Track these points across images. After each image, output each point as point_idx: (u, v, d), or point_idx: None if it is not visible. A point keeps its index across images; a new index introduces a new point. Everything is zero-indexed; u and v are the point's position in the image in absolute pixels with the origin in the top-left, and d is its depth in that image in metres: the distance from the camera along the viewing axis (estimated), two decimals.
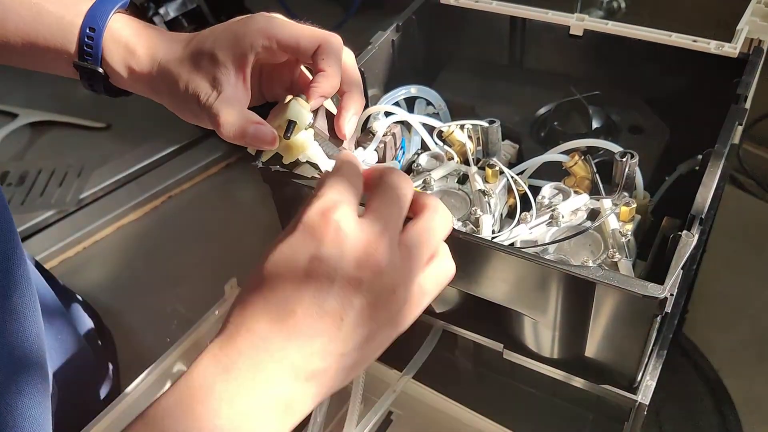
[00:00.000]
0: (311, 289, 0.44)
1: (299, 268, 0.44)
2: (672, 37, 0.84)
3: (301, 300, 0.44)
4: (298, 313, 0.44)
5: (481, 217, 0.71)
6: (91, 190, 1.35)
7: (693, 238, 0.61)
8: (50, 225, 1.31)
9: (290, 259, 0.45)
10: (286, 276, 0.45)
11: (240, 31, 0.61)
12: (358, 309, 0.45)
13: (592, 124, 0.86)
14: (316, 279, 0.44)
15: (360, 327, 0.45)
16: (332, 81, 0.61)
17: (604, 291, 0.60)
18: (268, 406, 0.44)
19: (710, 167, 0.68)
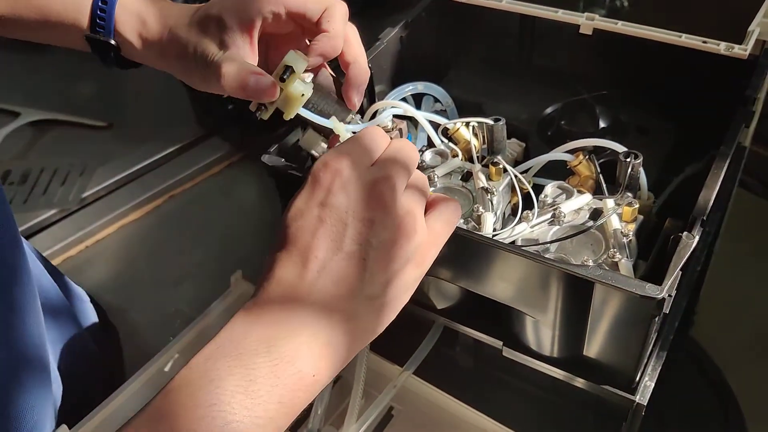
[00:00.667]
0: (328, 234, 0.47)
1: (313, 217, 0.47)
2: (682, 38, 0.83)
3: (320, 246, 0.46)
4: (320, 257, 0.46)
5: (484, 214, 0.71)
6: (93, 189, 1.36)
7: (693, 239, 0.61)
8: (53, 224, 1.31)
9: (303, 211, 0.48)
10: (303, 227, 0.47)
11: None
12: (376, 247, 0.47)
13: (599, 124, 0.86)
14: (331, 225, 0.47)
15: (383, 265, 0.47)
16: (333, 42, 0.61)
17: (602, 290, 0.60)
18: (309, 346, 0.45)
19: (714, 169, 0.68)
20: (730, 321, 1.16)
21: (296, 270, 0.46)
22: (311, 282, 0.46)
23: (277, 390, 0.43)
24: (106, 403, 0.82)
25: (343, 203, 0.47)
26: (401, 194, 0.50)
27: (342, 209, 0.47)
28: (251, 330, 0.44)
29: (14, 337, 0.65)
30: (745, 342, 1.14)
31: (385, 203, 0.48)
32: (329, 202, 0.47)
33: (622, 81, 0.89)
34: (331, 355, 0.46)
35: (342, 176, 0.48)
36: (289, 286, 0.46)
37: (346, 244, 0.47)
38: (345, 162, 0.49)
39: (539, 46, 0.95)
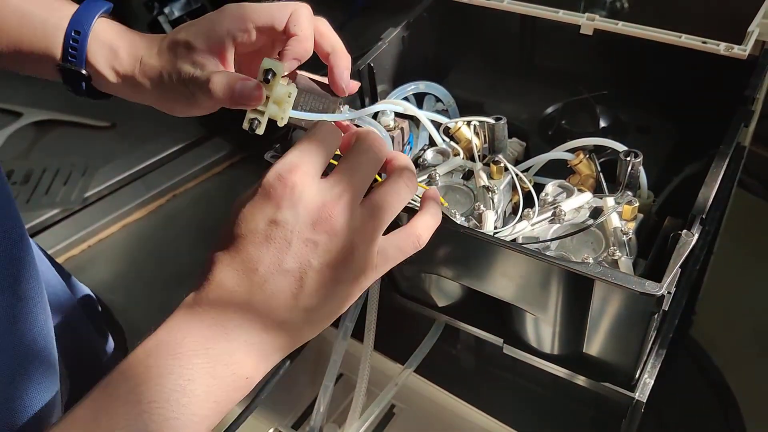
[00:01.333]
0: (271, 250, 0.47)
1: (259, 231, 0.48)
2: (682, 38, 0.84)
3: (262, 260, 0.47)
4: (260, 271, 0.47)
5: (485, 212, 0.72)
6: (95, 189, 1.37)
7: (692, 237, 0.62)
8: (55, 223, 1.32)
9: (251, 222, 0.48)
10: (248, 238, 0.48)
11: (214, 18, 0.62)
12: (316, 268, 0.48)
13: (600, 123, 0.86)
14: (275, 241, 0.47)
15: (321, 285, 0.48)
16: (304, 44, 0.62)
17: (602, 288, 0.61)
18: (244, 350, 0.47)
19: (713, 168, 0.68)
20: (730, 320, 1.17)
21: (236, 278, 0.48)
22: (249, 292, 0.47)
23: (213, 390, 0.46)
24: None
25: (290, 222, 0.47)
26: (352, 215, 0.49)
27: (288, 228, 0.47)
28: (191, 330, 0.47)
29: (22, 328, 0.65)
30: (744, 341, 1.15)
31: (331, 227, 0.48)
32: (277, 219, 0.47)
33: (623, 81, 0.90)
34: (264, 359, 0.48)
35: (293, 193, 0.48)
36: (228, 291, 0.47)
37: (287, 263, 0.47)
38: (297, 175, 0.48)
39: (540, 46, 0.95)
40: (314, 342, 0.85)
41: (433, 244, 0.70)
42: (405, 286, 0.80)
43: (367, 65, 0.85)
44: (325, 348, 0.84)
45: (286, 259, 0.47)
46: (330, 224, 0.48)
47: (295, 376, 0.87)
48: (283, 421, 0.85)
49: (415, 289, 0.80)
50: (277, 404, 0.86)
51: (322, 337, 0.88)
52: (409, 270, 0.78)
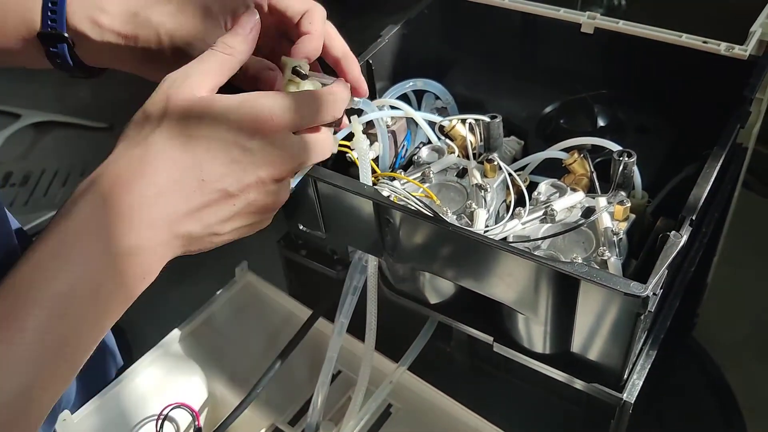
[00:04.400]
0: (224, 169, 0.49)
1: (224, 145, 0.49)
2: (682, 38, 0.83)
3: (211, 174, 0.49)
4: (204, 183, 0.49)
5: (476, 211, 0.72)
6: None
7: (681, 238, 0.61)
8: None
9: (220, 132, 0.49)
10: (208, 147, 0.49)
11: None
12: (249, 201, 0.51)
13: (598, 123, 0.86)
14: (233, 163, 0.49)
15: (241, 217, 0.51)
16: (316, 43, 0.61)
17: (588, 288, 0.61)
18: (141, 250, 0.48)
19: (706, 169, 0.68)
20: (733, 322, 1.16)
21: (174, 170, 0.48)
22: (179, 191, 0.48)
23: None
24: (113, 386, 0.84)
25: (257, 157, 0.49)
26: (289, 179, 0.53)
27: (250, 160, 0.49)
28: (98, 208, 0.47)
29: None
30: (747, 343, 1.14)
31: (283, 181, 0.52)
32: (249, 147, 0.49)
33: (622, 80, 0.89)
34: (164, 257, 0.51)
35: (274, 138, 0.50)
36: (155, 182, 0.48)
37: (232, 186, 0.49)
38: (286, 125, 0.50)
39: (540, 44, 0.95)
40: (311, 338, 0.86)
41: (424, 241, 0.71)
42: (397, 283, 0.80)
43: (365, 62, 0.86)
44: (323, 343, 0.84)
45: (232, 182, 0.49)
46: (282, 176, 0.51)
47: (291, 372, 0.87)
48: (279, 417, 0.86)
49: (407, 285, 0.80)
50: (274, 400, 0.86)
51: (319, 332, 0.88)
52: (402, 267, 0.78)
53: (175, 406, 0.81)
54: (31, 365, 0.43)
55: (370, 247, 0.76)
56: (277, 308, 0.93)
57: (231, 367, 0.88)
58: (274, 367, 0.81)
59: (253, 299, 0.95)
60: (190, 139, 0.48)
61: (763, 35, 0.84)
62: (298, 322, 0.87)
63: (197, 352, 0.89)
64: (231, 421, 0.79)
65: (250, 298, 0.95)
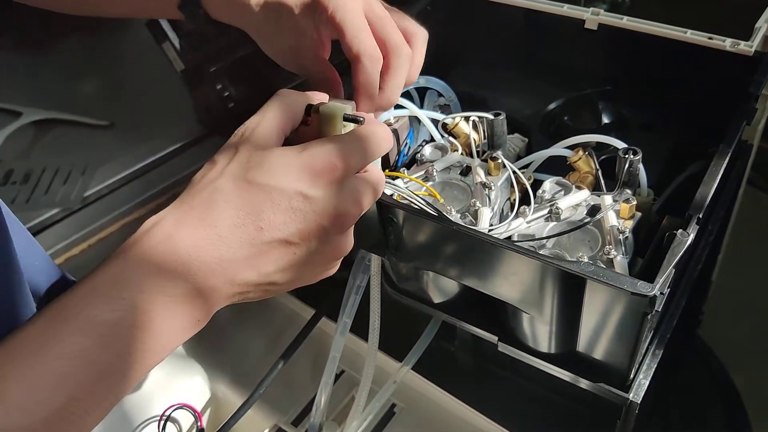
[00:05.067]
0: (285, 218, 0.47)
1: (285, 194, 0.47)
2: (687, 34, 0.83)
3: (273, 223, 0.47)
4: (263, 231, 0.47)
5: (480, 209, 0.71)
6: (95, 188, 1.36)
7: (688, 237, 0.61)
8: (55, 223, 1.30)
9: (281, 181, 0.47)
10: (270, 195, 0.47)
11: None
12: (311, 250, 0.49)
13: (602, 120, 0.85)
14: (294, 212, 0.47)
15: (302, 266, 0.49)
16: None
17: (594, 287, 0.60)
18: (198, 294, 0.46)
19: (712, 167, 0.67)
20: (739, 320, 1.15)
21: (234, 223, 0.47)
22: (240, 244, 0.46)
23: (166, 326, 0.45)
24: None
25: (318, 203, 0.47)
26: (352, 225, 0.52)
27: (312, 208, 0.47)
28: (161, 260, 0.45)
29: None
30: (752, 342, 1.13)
31: (344, 226, 0.50)
32: (309, 195, 0.47)
33: (627, 77, 0.88)
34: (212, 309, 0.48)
35: (333, 182, 0.48)
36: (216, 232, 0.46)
37: (293, 236, 0.47)
38: (346, 169, 0.49)
39: (544, 40, 0.94)
40: (314, 337, 0.85)
41: (428, 240, 0.70)
42: (400, 282, 0.80)
43: None
44: (325, 343, 0.84)
45: (293, 231, 0.47)
46: (345, 224, 0.49)
47: (294, 372, 0.87)
48: (282, 417, 0.85)
49: (410, 285, 0.79)
50: (277, 400, 0.86)
51: (323, 332, 0.88)
52: (405, 266, 0.77)
53: (178, 407, 0.81)
54: (71, 387, 0.42)
55: (374, 247, 0.75)
56: (280, 307, 0.93)
57: (233, 368, 0.88)
58: (277, 367, 0.80)
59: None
60: (252, 186, 0.47)
61: None
62: (300, 322, 0.87)
63: (199, 353, 0.89)
64: (234, 421, 0.79)
65: None
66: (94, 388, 0.42)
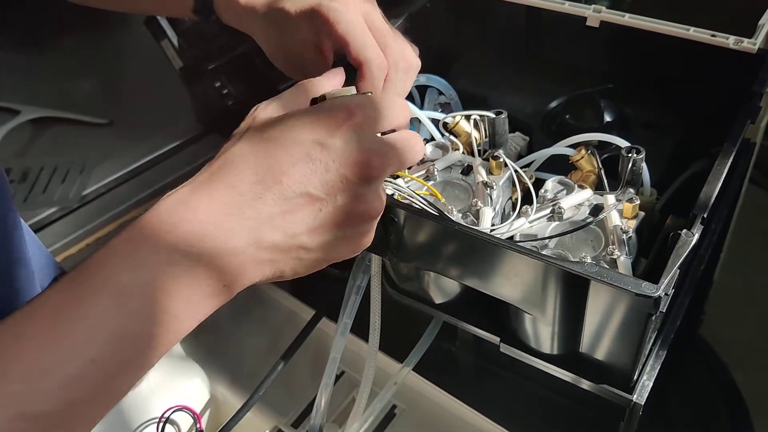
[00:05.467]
0: (305, 169, 0.46)
1: (302, 145, 0.46)
2: (690, 32, 0.82)
3: (292, 175, 0.45)
4: (284, 184, 0.45)
5: (482, 209, 0.70)
6: (93, 187, 1.35)
7: (692, 237, 0.60)
8: (53, 222, 1.29)
9: (296, 132, 0.46)
10: (286, 146, 0.46)
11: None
12: (338, 206, 0.47)
13: (604, 118, 0.84)
14: (313, 162, 0.46)
15: (330, 226, 0.47)
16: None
17: (598, 288, 0.59)
18: (221, 257, 0.44)
19: (717, 166, 0.66)
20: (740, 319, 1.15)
21: (252, 185, 0.45)
22: (261, 200, 0.45)
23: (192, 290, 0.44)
24: None
25: (337, 151, 0.46)
26: (381, 184, 0.50)
27: (332, 157, 0.46)
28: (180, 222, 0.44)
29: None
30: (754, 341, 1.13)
31: (368, 176, 0.47)
32: (326, 143, 0.46)
33: (629, 75, 0.88)
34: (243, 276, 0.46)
35: (352, 128, 0.47)
36: (238, 194, 0.45)
37: (316, 188, 0.46)
38: (363, 116, 0.48)
39: (545, 38, 0.93)
40: (314, 338, 0.85)
41: (429, 240, 0.69)
42: (401, 282, 0.79)
43: None
44: (326, 344, 0.83)
45: (315, 184, 0.46)
46: (369, 174, 0.47)
47: (295, 373, 0.86)
48: (282, 419, 0.85)
49: (411, 285, 0.78)
50: (277, 402, 0.85)
51: (323, 333, 0.87)
52: (406, 266, 0.76)
53: (177, 409, 0.80)
54: (91, 350, 0.40)
55: (374, 246, 0.74)
56: (280, 308, 0.92)
57: (233, 369, 0.87)
58: (277, 368, 0.80)
59: (255, 299, 0.94)
60: (268, 143, 0.46)
61: None
62: (300, 322, 0.86)
63: (199, 354, 0.88)
64: (233, 423, 0.78)
65: (252, 298, 0.94)
66: (117, 353, 0.41)
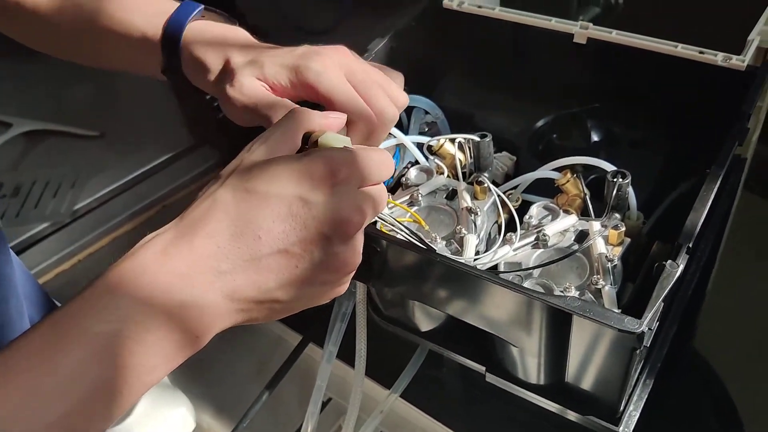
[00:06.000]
0: (285, 226, 0.45)
1: (284, 199, 0.45)
2: (678, 48, 0.81)
3: (271, 231, 0.45)
4: (262, 240, 0.45)
5: (466, 236, 0.69)
6: (85, 201, 1.34)
7: (677, 268, 0.59)
8: (44, 238, 1.28)
9: (279, 187, 0.46)
10: (267, 201, 0.45)
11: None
12: (314, 262, 0.46)
13: (591, 138, 0.83)
14: (293, 219, 0.45)
15: (305, 281, 0.47)
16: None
17: (581, 322, 0.58)
18: (194, 310, 0.44)
19: (703, 192, 0.65)
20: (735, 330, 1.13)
21: (231, 239, 0.45)
22: (237, 256, 0.45)
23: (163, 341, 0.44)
24: None
25: (319, 209, 0.45)
26: (358, 235, 0.49)
27: (313, 213, 0.45)
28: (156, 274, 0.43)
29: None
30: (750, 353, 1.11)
31: (347, 236, 0.47)
32: (309, 199, 0.45)
33: (617, 92, 0.86)
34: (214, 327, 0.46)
35: (336, 187, 0.46)
36: (216, 247, 0.44)
37: (294, 246, 0.45)
38: (348, 174, 0.47)
39: (532, 56, 0.92)
40: (301, 364, 0.84)
41: (412, 270, 0.68)
42: (386, 309, 0.78)
43: None
44: (313, 369, 0.82)
45: (293, 240, 0.45)
46: (347, 231, 0.47)
47: (281, 400, 0.85)
48: None
49: (396, 312, 0.77)
50: (263, 430, 0.84)
51: (309, 358, 0.86)
52: (391, 294, 0.75)
53: None
54: (65, 402, 0.40)
55: (358, 273, 0.73)
56: (266, 333, 0.91)
57: (219, 396, 0.87)
58: (262, 398, 0.79)
59: (241, 325, 0.93)
60: (250, 195, 0.46)
61: (763, 42, 0.82)
62: (288, 348, 0.85)
63: (184, 382, 0.87)
64: None
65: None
66: (89, 404, 0.41)
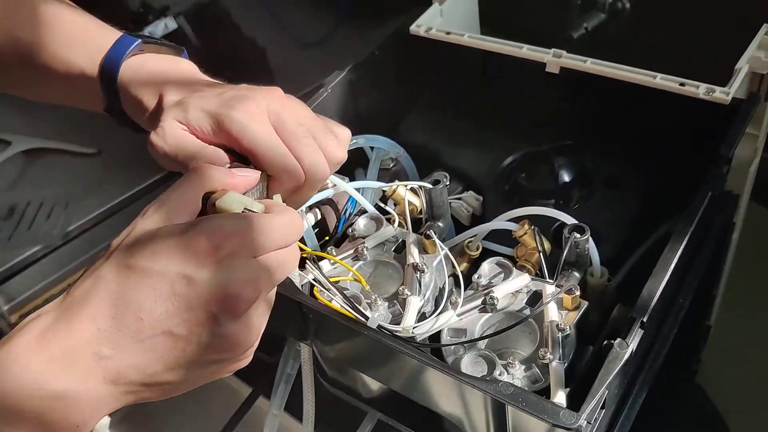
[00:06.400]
0: (167, 306, 0.41)
1: (166, 278, 0.42)
2: (657, 79, 0.74)
3: (152, 312, 0.41)
4: (144, 322, 0.41)
5: (408, 298, 0.63)
6: (78, 222, 1.31)
7: (626, 349, 0.52)
8: (36, 261, 1.25)
9: (161, 264, 0.42)
10: (149, 280, 0.42)
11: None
12: (202, 344, 0.42)
13: (561, 178, 0.77)
14: (177, 298, 0.41)
15: (195, 364, 0.43)
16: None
17: (515, 411, 0.52)
18: (74, 398, 0.40)
19: (666, 253, 0.59)
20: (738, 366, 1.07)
21: (112, 321, 0.41)
22: (117, 339, 0.41)
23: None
24: None
25: (204, 287, 0.41)
26: (257, 313, 0.45)
27: (197, 292, 0.41)
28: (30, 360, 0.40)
29: None
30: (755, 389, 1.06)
31: (237, 310, 0.43)
32: (193, 277, 0.41)
33: (591, 126, 0.80)
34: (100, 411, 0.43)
35: (222, 262, 0.42)
36: (96, 330, 0.41)
37: (178, 327, 0.41)
38: (237, 244, 0.43)
39: (503, 86, 0.86)
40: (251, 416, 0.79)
41: (346, 339, 0.63)
42: (331, 372, 0.73)
43: None
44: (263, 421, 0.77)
45: (177, 321, 0.41)
46: (238, 308, 0.43)
47: None
48: None
49: (340, 375, 0.72)
50: None
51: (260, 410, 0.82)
52: (332, 361, 0.70)
53: None
54: None
55: (296, 334, 0.68)
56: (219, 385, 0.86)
57: None
58: None
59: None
60: (132, 272, 0.42)
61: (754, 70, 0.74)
62: (240, 400, 0.81)
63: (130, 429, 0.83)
64: None
65: None
66: None
